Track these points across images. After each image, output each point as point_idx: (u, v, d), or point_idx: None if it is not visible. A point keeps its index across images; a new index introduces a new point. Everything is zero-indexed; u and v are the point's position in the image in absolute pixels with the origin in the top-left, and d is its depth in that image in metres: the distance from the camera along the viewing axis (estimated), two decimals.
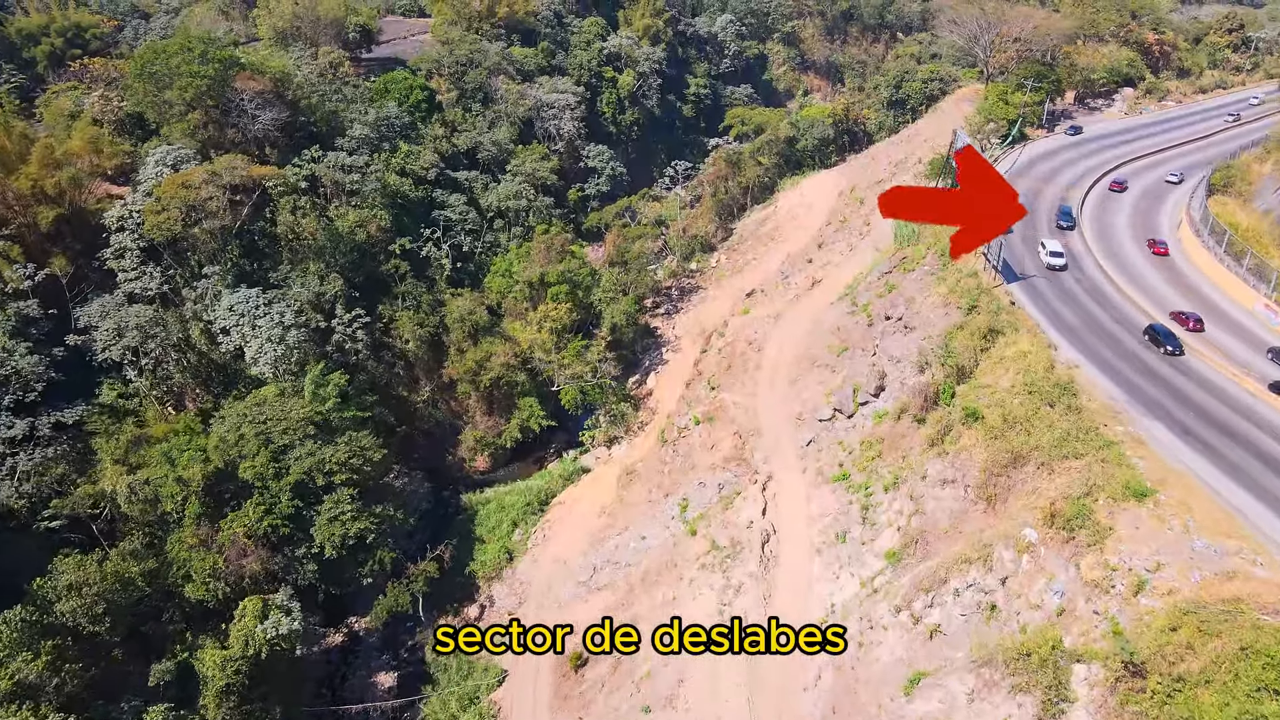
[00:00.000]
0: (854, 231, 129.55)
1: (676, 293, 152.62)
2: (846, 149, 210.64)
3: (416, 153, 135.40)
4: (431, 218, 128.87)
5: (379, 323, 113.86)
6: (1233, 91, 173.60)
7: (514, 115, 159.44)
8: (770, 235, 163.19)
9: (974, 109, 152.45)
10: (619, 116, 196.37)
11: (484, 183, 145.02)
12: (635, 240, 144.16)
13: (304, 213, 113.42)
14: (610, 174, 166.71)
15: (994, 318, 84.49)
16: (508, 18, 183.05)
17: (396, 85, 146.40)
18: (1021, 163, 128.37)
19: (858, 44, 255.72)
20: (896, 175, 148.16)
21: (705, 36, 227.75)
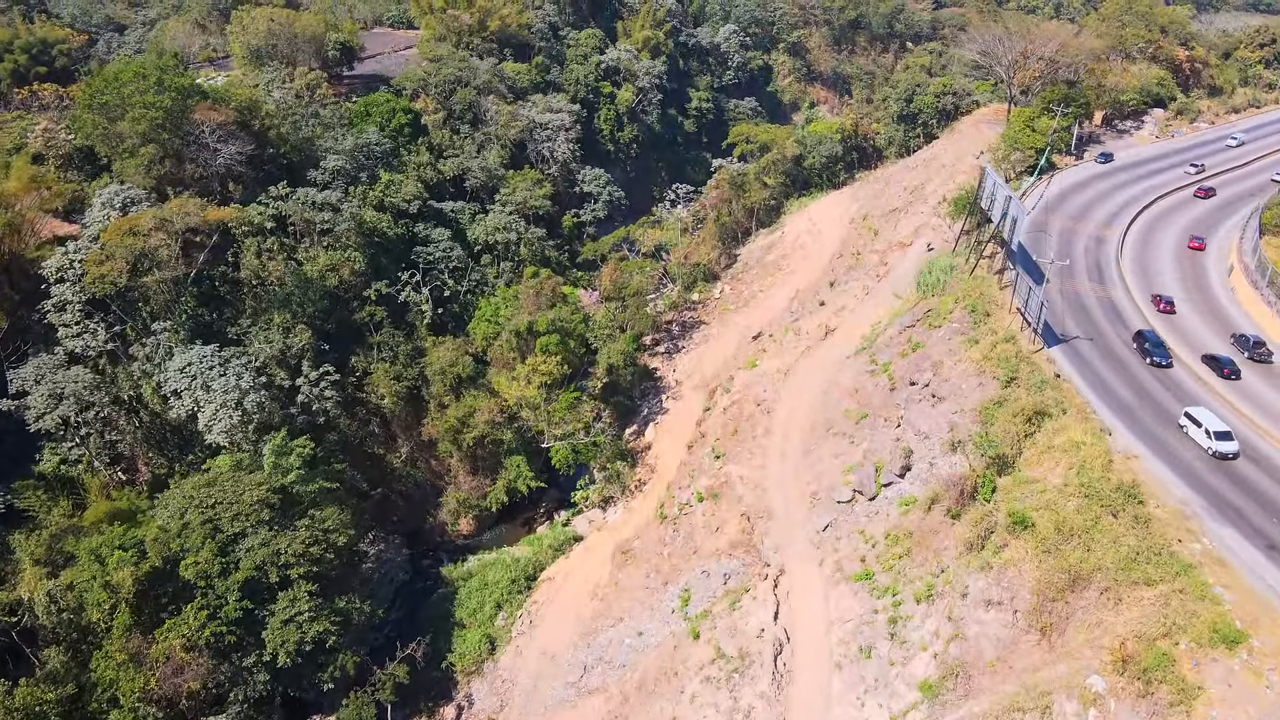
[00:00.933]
0: (869, 271, 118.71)
1: (678, 328, 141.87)
2: (855, 165, 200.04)
3: (398, 183, 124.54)
4: (413, 255, 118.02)
5: (352, 376, 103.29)
6: (1266, 111, 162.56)
7: (505, 138, 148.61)
8: (777, 265, 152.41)
9: (996, 135, 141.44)
10: (617, 134, 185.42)
11: (472, 213, 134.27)
12: (633, 275, 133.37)
13: (270, 256, 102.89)
14: (608, 199, 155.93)
15: (1038, 394, 73.84)
16: (500, 31, 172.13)
17: (378, 108, 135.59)
18: (1051, 196, 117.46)
19: (866, 54, 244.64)
20: (913, 205, 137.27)
21: (708, 47, 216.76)
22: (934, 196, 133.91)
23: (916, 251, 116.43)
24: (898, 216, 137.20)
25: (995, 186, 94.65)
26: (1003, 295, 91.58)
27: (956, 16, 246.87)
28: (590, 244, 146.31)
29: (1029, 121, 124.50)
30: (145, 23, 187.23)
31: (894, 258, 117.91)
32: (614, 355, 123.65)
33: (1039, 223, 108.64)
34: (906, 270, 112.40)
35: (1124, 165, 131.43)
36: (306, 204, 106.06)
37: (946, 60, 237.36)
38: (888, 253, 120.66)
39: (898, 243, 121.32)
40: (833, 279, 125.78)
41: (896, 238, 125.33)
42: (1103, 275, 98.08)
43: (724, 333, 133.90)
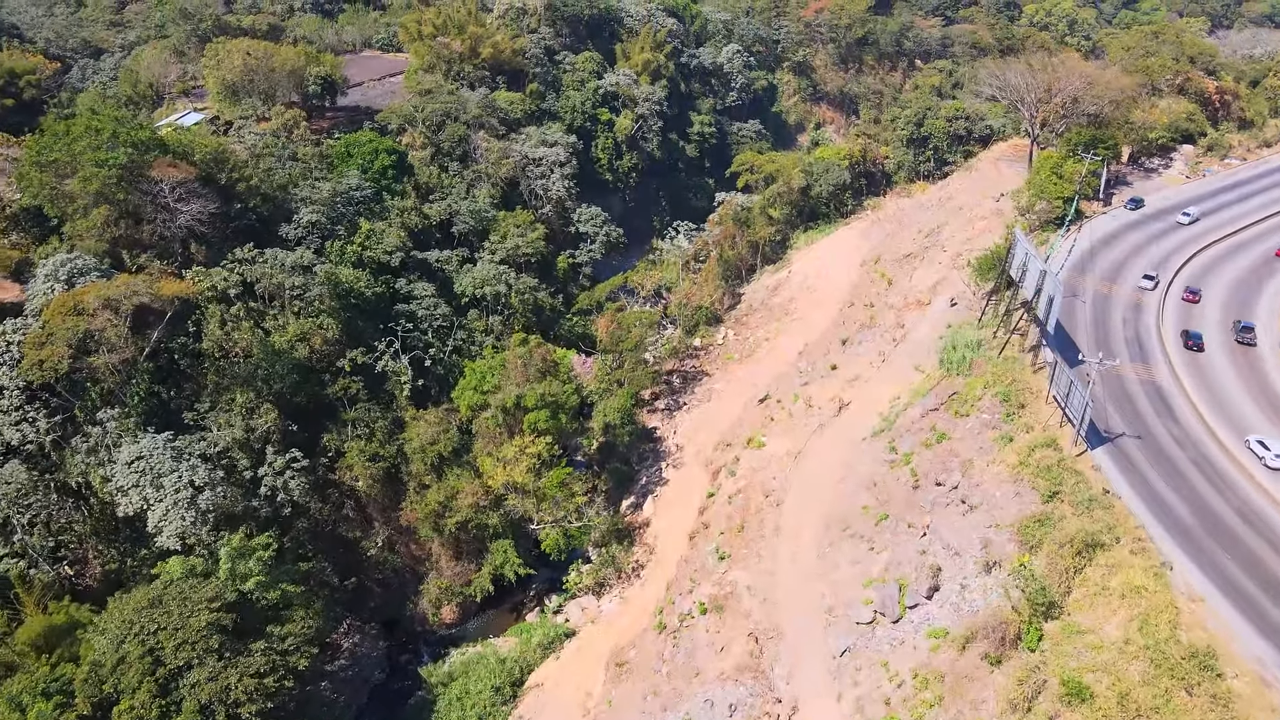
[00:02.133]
0: (885, 333, 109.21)
1: (679, 380, 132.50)
2: (864, 192, 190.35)
3: (379, 233, 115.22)
4: (394, 314, 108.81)
5: (324, 457, 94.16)
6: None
7: (495, 176, 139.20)
8: (784, 308, 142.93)
9: (1017, 174, 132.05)
10: (615, 163, 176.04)
11: (460, 260, 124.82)
12: (632, 328, 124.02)
13: (236, 324, 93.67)
14: (605, 239, 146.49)
15: (1086, 515, 64.60)
16: (492, 58, 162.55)
17: (360, 148, 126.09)
18: (1081, 251, 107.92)
19: (873, 73, 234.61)
20: (929, 252, 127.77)
21: (710, 68, 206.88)
22: (952, 243, 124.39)
23: (937, 312, 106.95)
24: (913, 264, 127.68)
25: (1028, 258, 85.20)
26: (1037, 380, 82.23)
27: (967, 34, 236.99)
28: (585, 293, 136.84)
29: (1055, 168, 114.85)
30: (124, 46, 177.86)
31: (911, 318, 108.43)
32: (611, 413, 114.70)
33: (1070, 284, 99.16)
34: (926, 335, 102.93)
35: (1156, 212, 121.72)
36: (276, 266, 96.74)
37: (958, 79, 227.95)
38: (905, 311, 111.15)
39: (915, 300, 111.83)
40: (845, 336, 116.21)
41: (913, 292, 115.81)
42: (1144, 351, 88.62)
43: (728, 389, 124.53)
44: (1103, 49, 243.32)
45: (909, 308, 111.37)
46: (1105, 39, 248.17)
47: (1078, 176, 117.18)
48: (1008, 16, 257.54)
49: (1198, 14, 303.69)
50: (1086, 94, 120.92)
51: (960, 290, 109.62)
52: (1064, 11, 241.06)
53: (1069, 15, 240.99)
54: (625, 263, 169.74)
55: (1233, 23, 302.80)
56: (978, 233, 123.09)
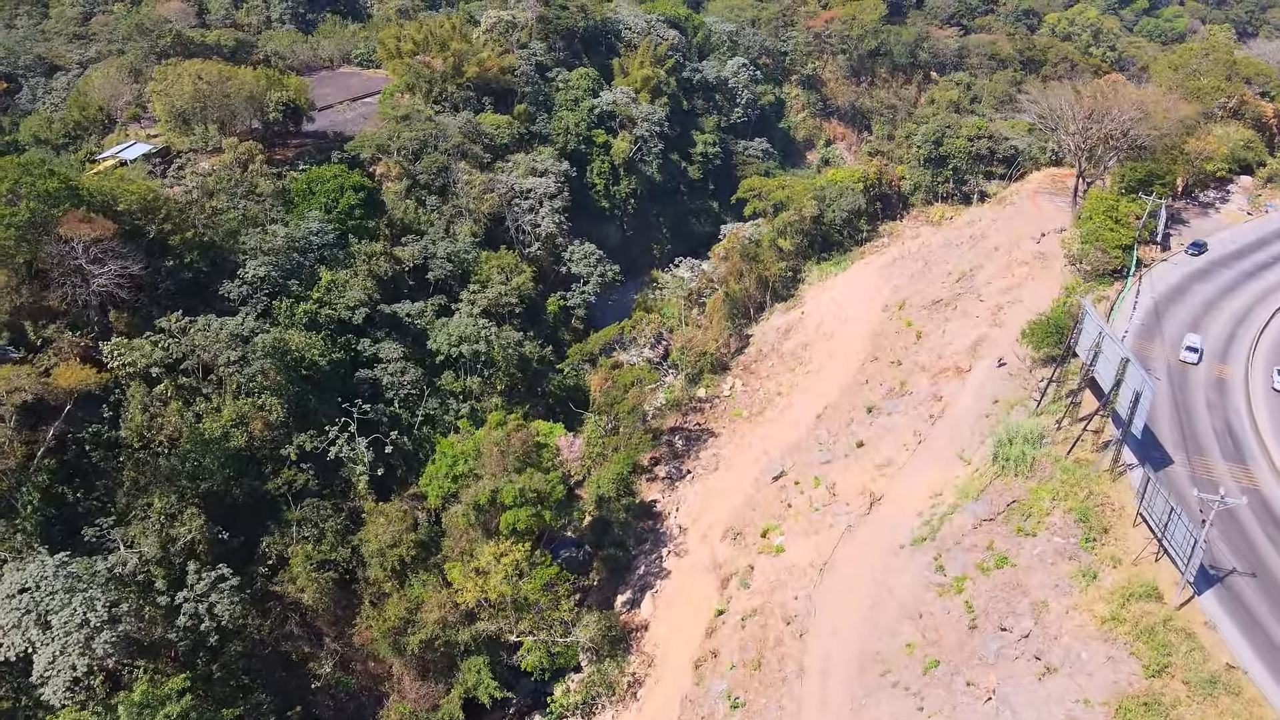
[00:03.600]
0: (918, 405, 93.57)
1: (681, 442, 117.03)
2: (879, 217, 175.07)
3: (341, 285, 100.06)
4: (354, 383, 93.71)
5: (263, 565, 78.91)
6: None
7: (478, 212, 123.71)
8: (797, 355, 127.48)
9: (1058, 210, 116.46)
10: (612, 188, 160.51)
11: (436, 309, 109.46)
12: (628, 386, 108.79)
13: (160, 409, 78.50)
14: (600, 278, 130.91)
15: (1209, 704, 49.29)
16: (478, 77, 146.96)
17: (324, 185, 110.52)
18: (1145, 313, 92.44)
19: (886, 86, 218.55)
20: (962, 300, 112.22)
21: (714, 83, 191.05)
22: (990, 292, 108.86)
23: (979, 381, 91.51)
24: (944, 313, 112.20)
25: (1101, 338, 69.78)
26: (1119, 491, 66.87)
27: (986, 44, 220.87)
28: (577, 346, 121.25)
29: (1110, 211, 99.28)
30: (82, 63, 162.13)
31: (949, 387, 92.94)
32: (606, 484, 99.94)
33: (1139, 353, 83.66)
34: (969, 411, 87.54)
35: (1221, 258, 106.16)
36: (210, 337, 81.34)
37: (976, 93, 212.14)
38: (940, 377, 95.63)
39: (953, 364, 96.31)
40: (871, 402, 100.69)
41: (948, 351, 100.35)
42: (1238, 446, 73.16)
43: (737, 456, 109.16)
44: (1129, 59, 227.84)
45: (945, 373, 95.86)
46: (1130, 49, 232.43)
47: (1137, 220, 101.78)
48: (1026, 25, 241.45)
49: (1221, 21, 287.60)
50: (1142, 125, 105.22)
51: (1006, 354, 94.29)
52: (1088, 21, 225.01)
53: (1093, 25, 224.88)
54: (624, 295, 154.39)
55: (1258, 30, 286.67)
56: (1018, 280, 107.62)
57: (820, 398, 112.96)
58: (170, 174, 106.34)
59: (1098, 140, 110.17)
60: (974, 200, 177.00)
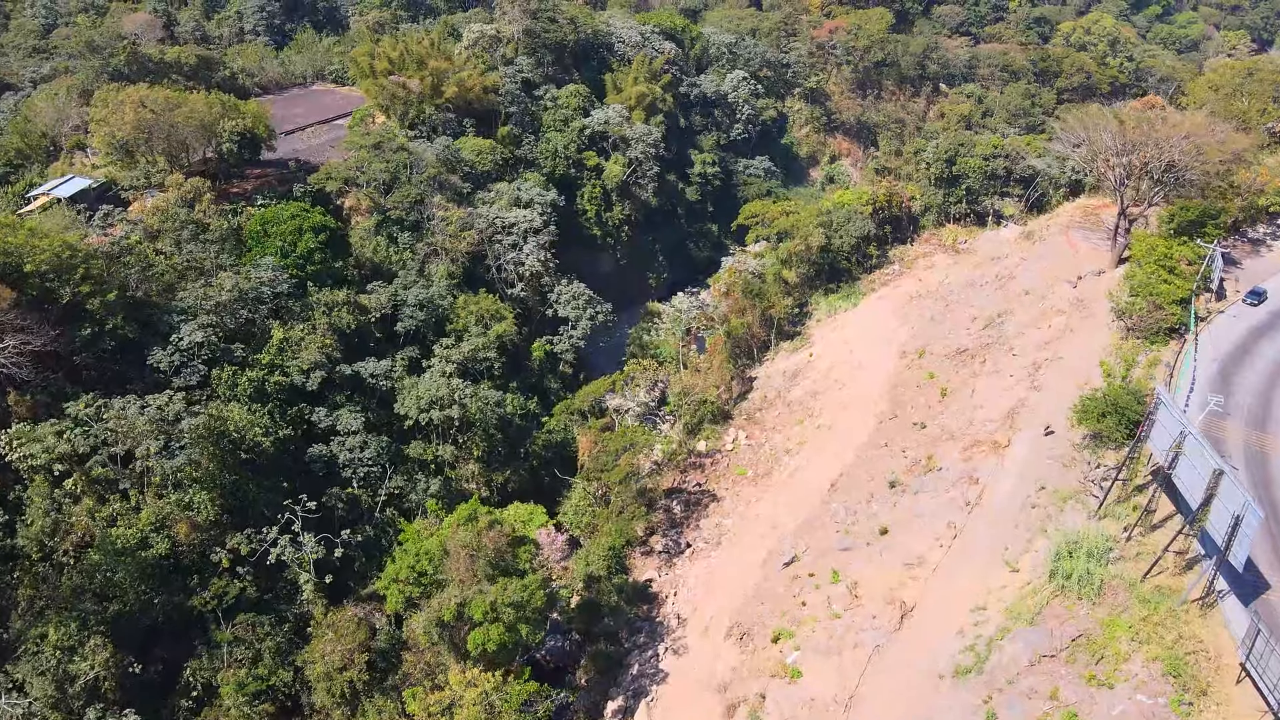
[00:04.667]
0: (950, 486, 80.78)
1: (679, 507, 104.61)
2: (889, 241, 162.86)
3: (296, 343, 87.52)
4: (306, 461, 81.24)
5: (186, 697, 66.36)
6: None
7: (455, 251, 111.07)
8: (806, 406, 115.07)
9: (1095, 251, 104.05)
10: (604, 215, 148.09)
11: (406, 364, 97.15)
12: (619, 451, 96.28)
13: (65, 512, 65.98)
14: (590, 321, 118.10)
15: None
16: (458, 98, 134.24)
17: (280, 226, 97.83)
18: (1210, 379, 79.96)
19: (894, 99, 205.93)
20: (990, 350, 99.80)
21: (713, 98, 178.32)
22: (1024, 346, 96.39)
23: (1021, 460, 79.00)
24: (971, 367, 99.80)
25: (1184, 437, 57.34)
26: (1213, 632, 54.45)
27: (997, 55, 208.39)
28: (564, 403, 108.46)
29: (1163, 261, 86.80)
30: (35, 80, 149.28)
31: (986, 466, 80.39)
32: (595, 560, 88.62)
33: (1209, 434, 71.24)
34: (1012, 497, 75.08)
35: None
36: (127, 424, 68.75)
37: (989, 107, 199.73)
38: (975, 452, 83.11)
39: (989, 438, 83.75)
40: (894, 477, 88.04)
41: (980, 418, 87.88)
42: None
43: (742, 528, 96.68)
44: (1148, 70, 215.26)
45: (979, 447, 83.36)
46: (1148, 59, 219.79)
47: (1190, 266, 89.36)
48: (1039, 34, 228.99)
49: (1236, 27, 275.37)
50: (1194, 160, 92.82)
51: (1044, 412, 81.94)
52: (1104, 30, 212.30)
53: (1110, 34, 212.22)
54: (618, 329, 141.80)
55: (1274, 36, 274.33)
56: (1056, 333, 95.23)
57: (834, 460, 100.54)
58: (96, 220, 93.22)
59: (1141, 173, 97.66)
60: (989, 222, 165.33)
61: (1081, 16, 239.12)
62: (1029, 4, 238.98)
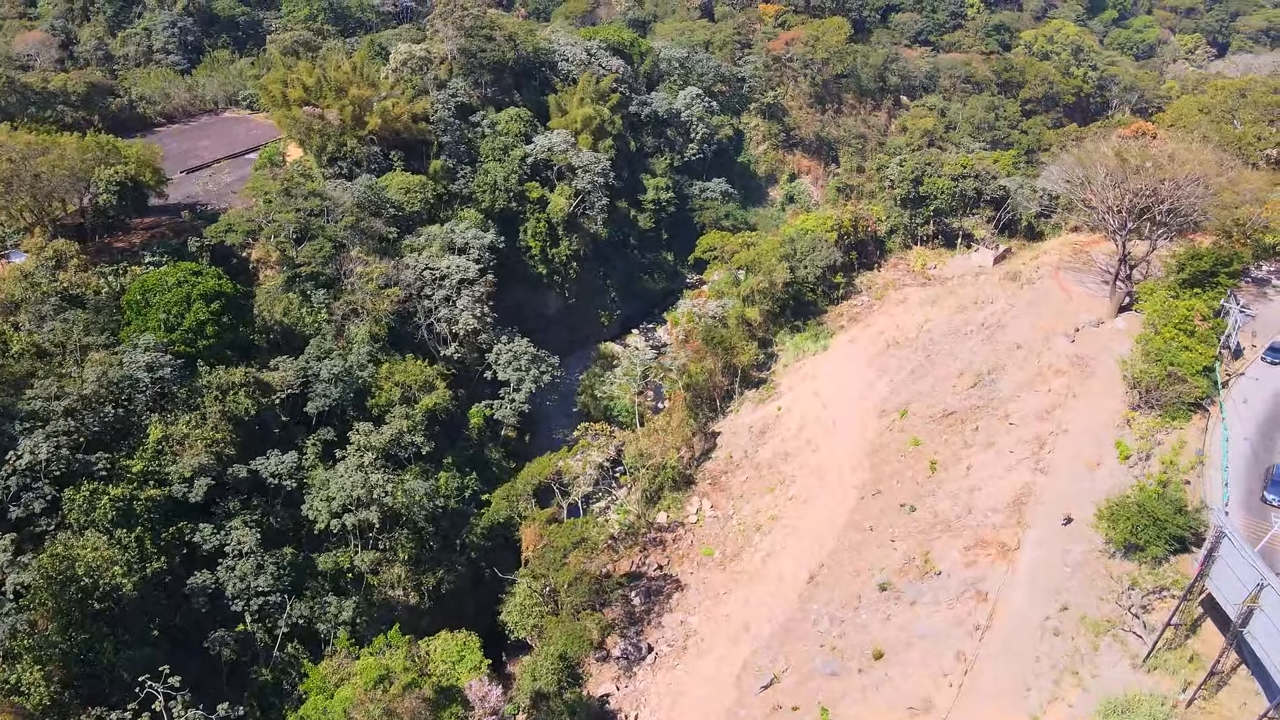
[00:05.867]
0: (955, 603, 68.17)
1: (640, 598, 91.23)
2: (855, 268, 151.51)
3: (179, 442, 72.54)
4: (186, 594, 66.39)
5: None
6: None
7: (377, 311, 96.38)
8: (776, 470, 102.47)
9: (1097, 302, 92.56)
10: (550, 251, 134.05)
11: (317, 453, 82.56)
12: (568, 550, 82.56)
13: None
14: (534, 383, 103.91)
15: None
16: (384, 129, 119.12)
17: (164, 295, 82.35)
18: (1244, 463, 68.43)
19: (854, 113, 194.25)
20: (982, 415, 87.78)
21: (665, 116, 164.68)
22: (1021, 413, 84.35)
23: (1034, 568, 66.79)
24: (962, 434, 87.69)
25: (1267, 597, 45.27)
26: None
27: (959, 65, 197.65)
28: (505, 486, 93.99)
29: (1181, 324, 75.21)
30: None
31: (993, 574, 68.08)
32: (543, 674, 75.38)
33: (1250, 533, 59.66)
34: (1028, 619, 62.83)
35: None
36: None
37: (951, 120, 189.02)
38: (979, 553, 70.77)
39: (994, 537, 71.42)
40: (884, 578, 75.44)
41: (982, 507, 75.64)
42: None
43: (710, 629, 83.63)
44: (1110, 79, 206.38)
45: (983, 548, 71.07)
46: (1110, 68, 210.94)
47: (1204, 323, 78.00)
48: (999, 42, 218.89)
49: (1191, 31, 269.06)
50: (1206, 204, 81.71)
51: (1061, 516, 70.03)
52: (1068, 38, 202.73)
53: (1073, 42, 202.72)
54: (568, 374, 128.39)
55: (1229, 39, 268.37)
56: (1057, 398, 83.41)
57: (812, 544, 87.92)
58: None
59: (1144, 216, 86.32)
60: (959, 244, 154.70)
61: (1040, 22, 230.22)
62: (987, 11, 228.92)
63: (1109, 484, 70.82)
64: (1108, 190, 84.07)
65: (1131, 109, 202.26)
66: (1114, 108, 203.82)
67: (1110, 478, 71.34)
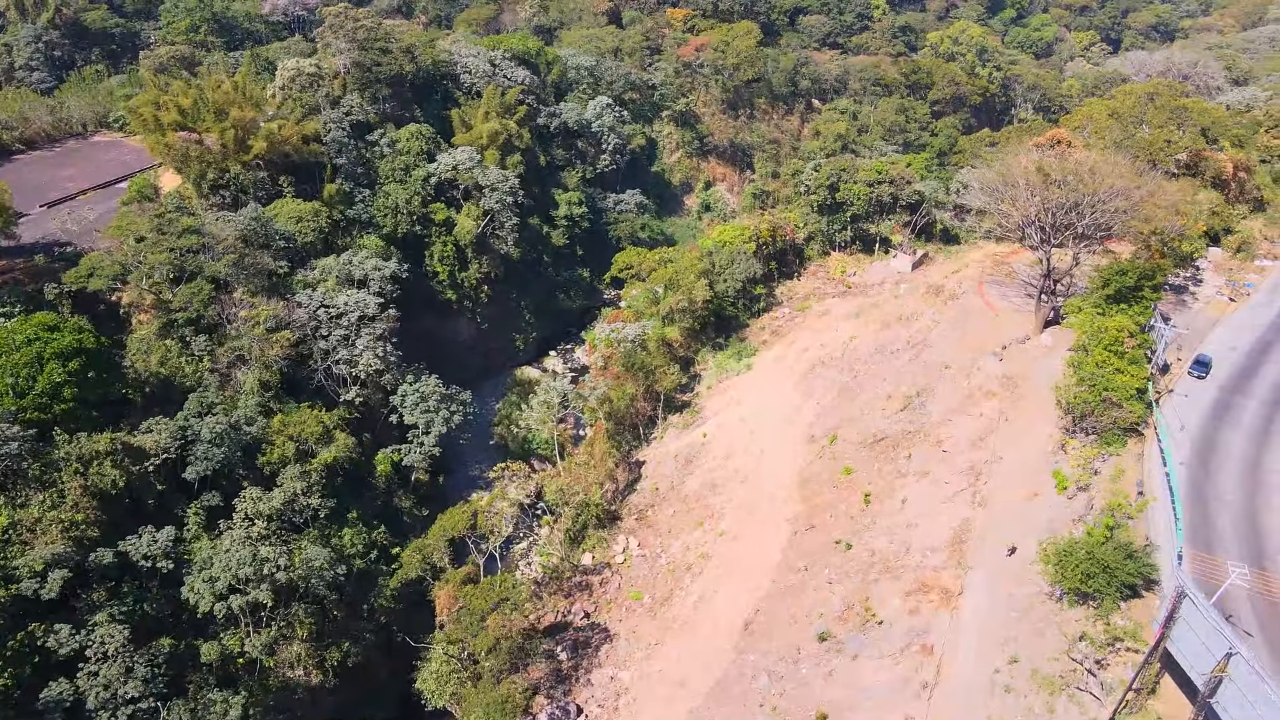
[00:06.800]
0: (899, 658, 63.45)
1: (566, 653, 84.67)
2: (775, 277, 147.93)
3: (28, 529, 63.16)
4: (40, 707, 57.35)
5: None
6: None
7: (267, 357, 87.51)
8: (705, 503, 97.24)
9: (1023, 320, 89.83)
10: (458, 275, 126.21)
11: (200, 523, 73.83)
12: (485, 613, 75.60)
13: None
14: (444, 425, 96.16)
15: None
16: (271, 153, 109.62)
17: (12, 356, 72.38)
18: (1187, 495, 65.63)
19: (767, 118, 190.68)
20: (915, 441, 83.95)
21: (575, 128, 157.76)
22: (954, 438, 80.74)
23: (980, 614, 62.83)
24: (895, 461, 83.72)
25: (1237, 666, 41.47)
26: None
27: (869, 68, 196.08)
28: (415, 544, 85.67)
29: (1112, 345, 72.33)
30: None
31: (938, 623, 63.82)
32: None
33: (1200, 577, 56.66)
34: (978, 673, 58.66)
35: (1232, 380, 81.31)
36: None
37: (864, 123, 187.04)
38: (921, 599, 66.46)
39: (936, 580, 67.18)
40: (823, 627, 70.49)
41: (920, 546, 71.49)
42: None
43: (643, 691, 77.57)
44: (1014, 78, 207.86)
45: (926, 593, 66.85)
46: (1012, 68, 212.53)
47: (1134, 340, 75.49)
48: (905, 43, 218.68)
49: (1086, 28, 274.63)
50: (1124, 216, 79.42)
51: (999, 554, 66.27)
52: (972, 39, 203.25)
53: (978, 43, 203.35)
54: (482, 403, 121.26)
55: (1122, 35, 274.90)
56: (989, 422, 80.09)
57: (745, 586, 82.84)
58: None
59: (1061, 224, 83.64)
60: (877, 249, 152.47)
61: (944, 23, 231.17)
62: (893, 12, 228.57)
63: (1048, 516, 67.52)
64: (1030, 205, 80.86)
65: (1035, 107, 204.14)
66: (1018, 106, 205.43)
67: (1049, 510, 67.99)
